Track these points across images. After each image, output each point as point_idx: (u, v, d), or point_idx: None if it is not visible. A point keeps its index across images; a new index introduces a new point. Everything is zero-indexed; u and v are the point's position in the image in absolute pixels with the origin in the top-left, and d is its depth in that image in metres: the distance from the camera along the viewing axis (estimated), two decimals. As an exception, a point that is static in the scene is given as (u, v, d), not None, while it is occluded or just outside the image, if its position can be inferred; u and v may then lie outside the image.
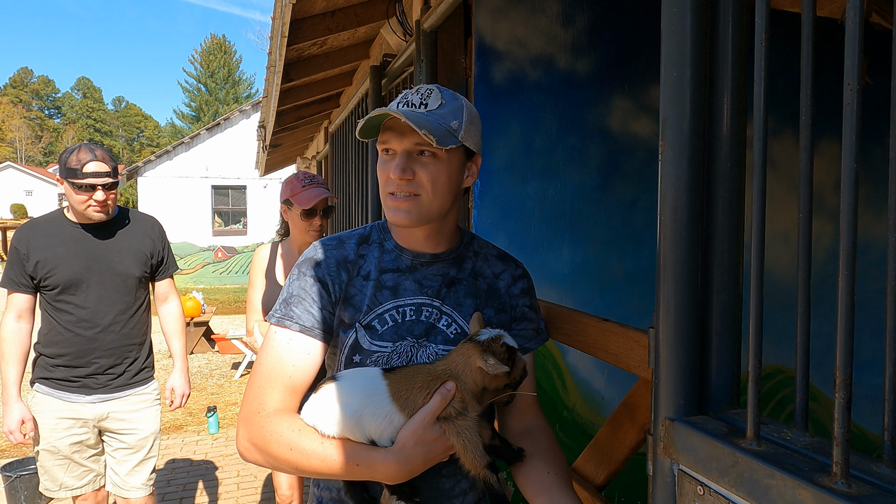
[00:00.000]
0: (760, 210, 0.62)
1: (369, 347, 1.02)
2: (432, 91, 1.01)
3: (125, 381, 2.27)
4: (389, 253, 1.07)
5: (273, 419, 0.95)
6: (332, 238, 1.09)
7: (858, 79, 0.52)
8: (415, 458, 0.91)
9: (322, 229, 2.33)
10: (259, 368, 1.00)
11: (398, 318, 1.04)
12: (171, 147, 16.38)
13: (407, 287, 1.05)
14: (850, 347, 0.53)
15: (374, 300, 1.03)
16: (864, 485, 0.53)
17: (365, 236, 1.09)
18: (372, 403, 0.92)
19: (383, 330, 1.02)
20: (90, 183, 2.10)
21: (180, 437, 4.81)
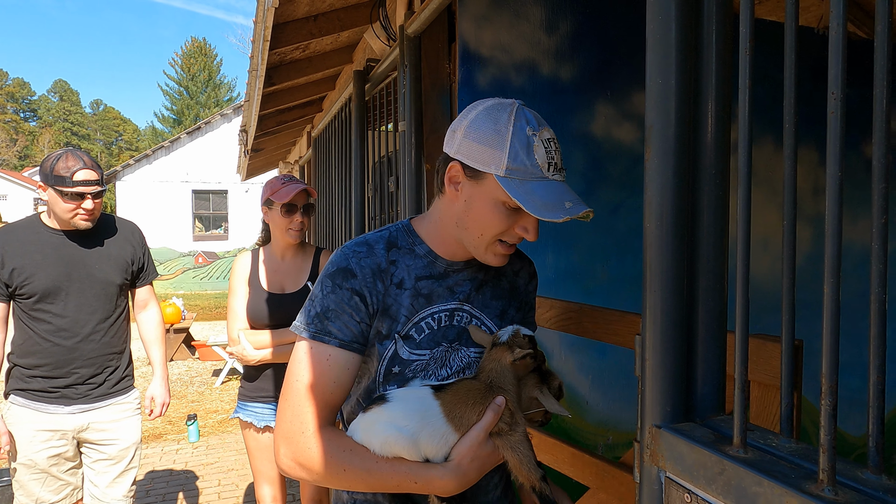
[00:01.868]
0: (745, 218, 0.63)
1: (408, 357, 1.02)
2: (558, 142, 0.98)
3: (105, 391, 2.23)
4: (422, 259, 1.05)
5: (321, 439, 0.94)
6: (360, 244, 1.03)
7: (843, 88, 0.53)
8: (471, 472, 0.95)
9: (303, 227, 2.31)
10: (296, 385, 0.97)
11: (434, 325, 1.04)
12: (151, 151, 16.18)
13: (440, 293, 1.05)
14: (836, 355, 0.54)
15: (412, 309, 1.02)
16: (850, 492, 0.53)
17: (392, 241, 1.05)
18: (428, 425, 0.94)
19: (420, 339, 1.03)
20: (80, 191, 2.05)
21: (160, 447, 4.73)
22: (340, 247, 1.05)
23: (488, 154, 0.93)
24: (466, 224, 1.00)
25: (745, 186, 0.62)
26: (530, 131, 0.93)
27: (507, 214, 0.96)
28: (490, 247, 0.99)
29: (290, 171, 6.90)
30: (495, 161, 0.93)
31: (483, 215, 0.97)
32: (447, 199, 1.03)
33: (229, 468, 4.27)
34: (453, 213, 1.01)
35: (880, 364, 0.53)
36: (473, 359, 1.09)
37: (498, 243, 1.00)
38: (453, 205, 1.01)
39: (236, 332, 2.28)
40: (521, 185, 0.92)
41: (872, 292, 0.52)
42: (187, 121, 35.43)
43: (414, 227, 1.08)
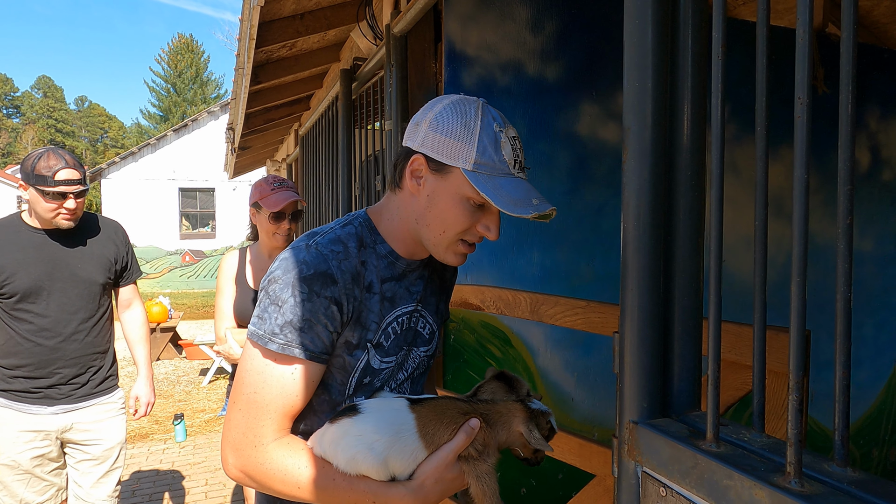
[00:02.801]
0: (718, 218, 0.64)
1: (379, 367, 0.98)
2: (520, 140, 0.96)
3: (89, 391, 2.21)
4: (384, 259, 0.99)
5: (274, 455, 0.89)
6: (334, 241, 0.93)
7: (809, 92, 0.54)
8: (432, 495, 0.90)
9: (291, 233, 2.31)
10: (253, 397, 0.89)
11: (398, 329, 1.01)
12: (137, 148, 16.02)
13: (401, 295, 1.01)
14: (804, 351, 0.55)
15: (380, 315, 0.97)
16: (816, 483, 0.55)
17: (359, 237, 0.97)
18: (399, 441, 0.89)
19: (388, 345, 0.99)
20: (61, 191, 2.04)
21: (146, 446, 4.70)
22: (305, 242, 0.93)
23: (455, 147, 0.90)
24: (428, 220, 0.95)
25: (718, 188, 0.64)
26: (497, 127, 0.91)
27: (472, 211, 0.92)
28: (451, 245, 0.95)
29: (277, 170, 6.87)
30: (463, 154, 0.89)
31: (446, 211, 0.93)
32: (406, 194, 0.97)
33: (216, 467, 4.25)
34: (413, 210, 0.96)
35: (845, 360, 0.55)
36: (422, 359, 1.08)
37: (459, 242, 0.95)
38: (413, 200, 0.96)
39: (223, 330, 2.28)
40: (489, 179, 0.89)
41: (838, 291, 0.54)
42: (174, 118, 35.09)
43: (373, 223, 1.01)
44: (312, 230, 0.99)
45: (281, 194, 2.25)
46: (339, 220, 1.02)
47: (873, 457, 2.92)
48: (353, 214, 1.02)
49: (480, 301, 1.79)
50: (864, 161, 2.79)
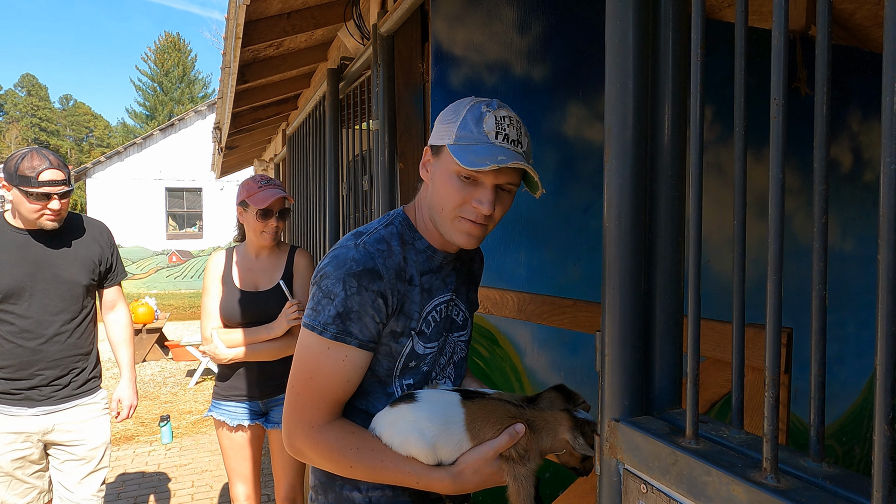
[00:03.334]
0: (697, 218, 0.65)
1: (423, 352, 1.08)
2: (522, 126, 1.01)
3: (70, 392, 2.19)
4: (422, 253, 1.08)
5: (329, 435, 0.99)
6: (379, 241, 1.03)
7: (785, 94, 0.55)
8: (469, 483, 0.99)
9: (278, 231, 2.31)
10: (310, 382, 1.00)
11: (437, 317, 1.10)
12: (123, 148, 15.86)
13: (438, 286, 1.10)
14: (779, 349, 0.56)
15: (421, 305, 1.06)
16: (791, 479, 0.55)
17: (400, 235, 1.06)
18: (447, 431, 0.98)
19: (430, 332, 1.08)
20: (46, 192, 2.02)
21: (131, 448, 4.66)
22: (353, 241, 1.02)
23: (444, 129, 1.00)
24: (433, 203, 1.03)
25: (697, 189, 0.64)
26: (485, 108, 0.98)
27: (462, 186, 0.98)
28: (453, 222, 1.01)
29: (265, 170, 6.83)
30: (448, 133, 0.99)
31: (441, 188, 1.01)
32: (423, 186, 1.08)
33: (203, 469, 4.22)
34: (428, 198, 1.05)
35: (821, 358, 0.55)
36: (459, 344, 1.17)
37: (460, 219, 1.01)
38: (426, 190, 1.06)
39: (209, 330, 2.27)
40: (465, 148, 0.96)
41: (814, 289, 0.55)
42: (160, 117, 34.77)
43: (411, 221, 1.10)
44: (357, 230, 1.07)
45: (268, 191, 2.24)
46: (381, 219, 1.11)
47: (855, 454, 2.96)
48: (392, 214, 1.11)
49: (467, 301, 1.79)
50: (847, 162, 2.83)
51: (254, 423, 2.34)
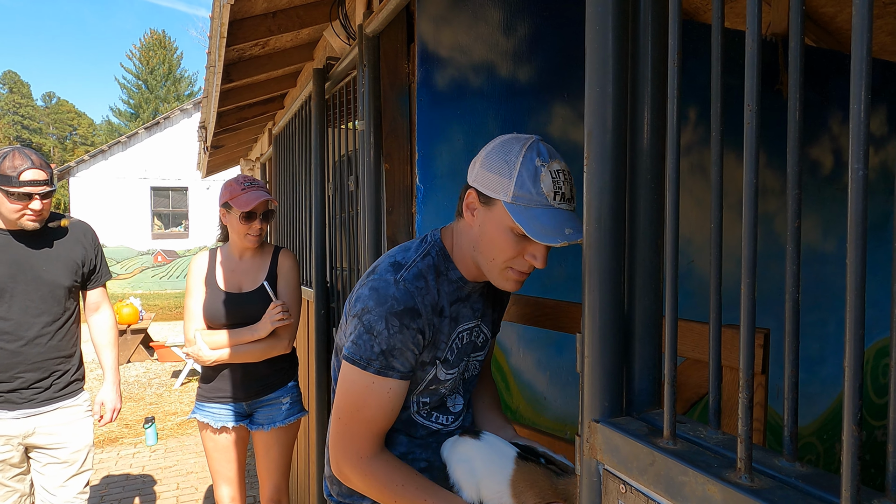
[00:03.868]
0: (674, 220, 0.66)
1: (444, 378, 1.13)
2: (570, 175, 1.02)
3: (52, 395, 2.16)
4: (453, 283, 1.11)
5: (376, 467, 1.05)
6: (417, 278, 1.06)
7: (758, 100, 0.56)
8: None
9: (262, 233, 2.29)
10: (357, 415, 1.04)
11: (460, 344, 1.13)
12: (107, 146, 15.69)
13: (465, 314, 1.14)
14: (752, 350, 0.57)
15: (448, 335, 1.10)
16: (765, 478, 0.56)
17: (436, 267, 1.09)
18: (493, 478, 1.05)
19: (453, 359, 1.13)
20: (27, 192, 1.99)
21: (115, 450, 4.62)
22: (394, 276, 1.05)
23: (498, 182, 1.00)
24: (481, 248, 1.06)
25: (674, 192, 0.65)
26: (539, 162, 0.99)
27: (516, 241, 1.01)
28: (502, 272, 1.05)
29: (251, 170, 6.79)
30: (503, 188, 0.99)
31: (494, 240, 1.03)
32: (465, 223, 1.09)
33: (188, 471, 4.19)
34: (470, 238, 1.08)
35: (794, 359, 0.56)
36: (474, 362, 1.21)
37: (510, 269, 1.04)
38: (470, 230, 1.08)
39: (192, 332, 2.25)
40: (525, 210, 0.97)
41: (787, 292, 0.56)
42: (145, 115, 34.42)
43: (446, 250, 1.12)
44: (395, 259, 1.10)
45: (252, 194, 2.23)
46: (419, 246, 1.12)
47: (836, 451, 3.01)
48: (429, 241, 1.13)
49: (453, 301, 1.79)
50: (828, 163, 2.87)
51: (238, 425, 2.33)
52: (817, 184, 2.85)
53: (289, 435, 2.37)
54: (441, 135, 1.98)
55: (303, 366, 3.17)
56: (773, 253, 2.74)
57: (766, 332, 0.97)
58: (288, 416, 2.33)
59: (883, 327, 3.03)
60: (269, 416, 2.29)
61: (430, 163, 1.97)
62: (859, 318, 0.46)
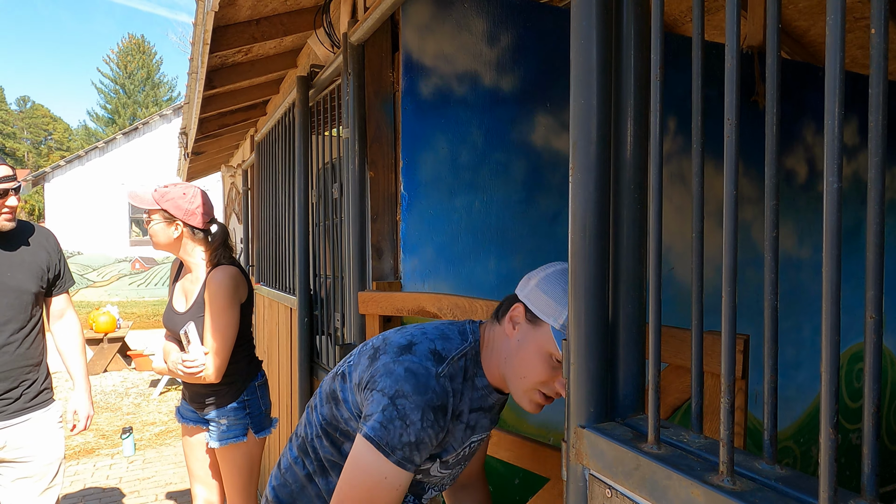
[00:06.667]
0: (657, 230, 0.67)
1: (436, 475, 1.11)
2: None
3: (22, 406, 2.10)
4: (479, 391, 1.08)
5: None
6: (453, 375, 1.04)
7: (738, 114, 0.58)
8: None
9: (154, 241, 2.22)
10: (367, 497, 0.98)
11: (467, 452, 1.12)
12: (84, 152, 15.45)
13: (482, 424, 1.12)
14: (733, 356, 0.59)
15: (460, 441, 1.09)
16: (747, 481, 0.58)
17: (465, 370, 1.07)
18: None
19: (452, 462, 1.11)
20: (4, 188, 1.98)
21: (91, 462, 4.52)
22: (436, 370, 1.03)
23: (551, 307, 1.00)
24: (513, 363, 1.04)
25: (657, 202, 0.67)
26: None
27: (552, 367, 1.01)
28: (528, 392, 1.03)
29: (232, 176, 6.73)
30: (555, 314, 1.00)
31: (530, 359, 1.02)
32: (502, 332, 1.07)
33: (167, 482, 4.12)
34: (505, 348, 1.06)
35: (773, 364, 0.58)
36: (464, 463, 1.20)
37: (536, 392, 1.03)
38: (506, 341, 1.06)
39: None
40: None
41: (766, 299, 0.58)
42: (122, 120, 33.97)
43: (479, 354, 1.09)
44: (435, 348, 1.05)
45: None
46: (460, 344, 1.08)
47: (812, 454, 3.07)
48: (469, 340, 1.09)
49: (437, 309, 1.80)
50: (802, 173, 2.94)
51: (196, 426, 2.30)
52: (792, 192, 2.92)
53: (232, 456, 2.23)
54: (425, 143, 1.99)
55: (285, 375, 3.14)
56: (751, 259, 2.80)
57: (745, 338, 0.99)
58: (222, 438, 2.20)
59: (857, 332, 3.11)
60: (213, 433, 2.24)
61: (415, 170, 1.98)
62: (835, 326, 0.48)
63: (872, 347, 0.48)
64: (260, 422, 2.28)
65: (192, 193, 2.20)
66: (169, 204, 2.16)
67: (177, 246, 2.21)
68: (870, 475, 0.48)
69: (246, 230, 5.19)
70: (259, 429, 2.26)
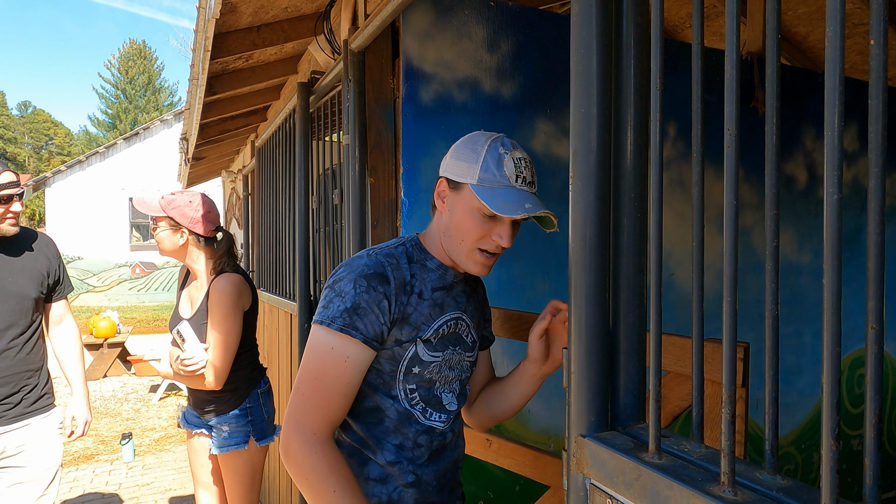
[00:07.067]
0: (658, 239, 0.67)
1: (427, 359, 1.14)
2: (532, 164, 1.13)
3: (22, 411, 2.11)
4: (434, 272, 1.16)
5: (326, 457, 1.03)
6: (388, 256, 1.12)
7: (737, 124, 0.58)
8: None
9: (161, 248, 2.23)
10: (315, 383, 1.05)
11: (445, 330, 1.17)
12: (85, 157, 15.46)
13: (449, 303, 1.18)
14: (734, 366, 0.59)
15: (430, 318, 1.13)
16: (748, 491, 0.58)
17: (410, 256, 1.16)
18: None
19: (436, 342, 1.15)
20: (8, 194, 1.99)
21: (91, 468, 4.51)
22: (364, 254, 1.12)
23: (465, 168, 1.09)
24: (451, 232, 1.12)
25: (657, 210, 0.67)
26: (502, 150, 1.09)
27: (483, 221, 1.08)
28: (470, 254, 1.11)
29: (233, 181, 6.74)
30: (470, 172, 1.08)
31: (462, 222, 1.10)
32: (437, 213, 1.17)
33: (167, 488, 4.11)
34: (442, 225, 1.15)
35: (774, 374, 0.58)
36: (467, 363, 1.25)
37: (477, 251, 1.11)
38: (441, 217, 1.15)
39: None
40: (490, 190, 1.06)
41: (766, 309, 0.58)
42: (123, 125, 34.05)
43: (422, 243, 1.19)
44: (370, 247, 1.16)
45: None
46: (393, 240, 1.20)
47: (814, 461, 3.06)
48: (404, 237, 1.21)
49: (438, 315, 1.80)
50: (802, 178, 2.94)
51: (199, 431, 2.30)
52: (792, 198, 2.92)
53: (234, 463, 2.22)
54: (426, 149, 1.99)
55: (285, 381, 3.14)
56: (751, 265, 2.80)
57: (745, 346, 0.99)
58: (224, 445, 2.20)
59: (858, 338, 3.10)
60: (215, 440, 2.24)
61: (415, 177, 1.98)
62: (836, 337, 0.48)
63: (874, 357, 0.48)
64: (262, 429, 2.27)
65: (197, 202, 2.21)
66: (175, 212, 2.17)
67: (182, 253, 2.22)
68: (871, 486, 0.48)
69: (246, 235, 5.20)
70: (261, 436, 2.26)
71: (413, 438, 1.15)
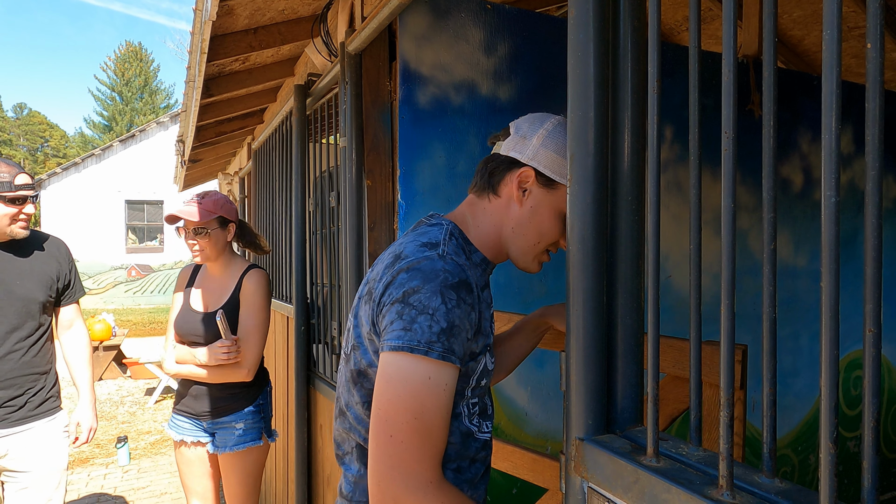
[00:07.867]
0: (655, 243, 0.67)
1: (491, 367, 1.01)
2: None
3: (26, 414, 2.10)
4: (478, 267, 1.01)
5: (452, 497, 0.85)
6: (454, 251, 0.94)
7: (735, 127, 0.58)
8: None
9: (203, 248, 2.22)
10: (417, 425, 0.83)
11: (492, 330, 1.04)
12: (80, 159, 15.43)
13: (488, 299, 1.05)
14: (732, 369, 0.59)
15: (490, 321, 1.01)
16: (746, 495, 0.58)
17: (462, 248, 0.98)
18: None
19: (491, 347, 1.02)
20: (23, 195, 2.00)
21: (86, 471, 4.48)
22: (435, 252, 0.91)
23: (566, 167, 0.95)
24: (525, 230, 1.00)
25: (655, 213, 0.67)
26: None
27: (563, 226, 1.00)
28: (539, 255, 1.03)
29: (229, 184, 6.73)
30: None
31: (545, 223, 0.99)
32: (503, 202, 1.01)
33: (162, 492, 4.09)
34: (510, 218, 1.00)
35: (772, 377, 0.58)
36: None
37: (545, 253, 1.04)
38: (511, 209, 1.00)
39: (168, 343, 2.27)
40: None
41: (764, 312, 0.58)
42: (119, 127, 33.99)
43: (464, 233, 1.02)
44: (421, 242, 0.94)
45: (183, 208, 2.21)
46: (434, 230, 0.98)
47: (811, 462, 3.06)
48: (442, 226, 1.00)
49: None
50: (798, 181, 2.95)
51: (197, 441, 2.28)
52: (788, 201, 2.93)
53: (244, 462, 2.24)
54: (423, 152, 1.99)
55: (281, 384, 3.13)
56: (747, 268, 2.80)
57: (743, 349, 0.99)
58: (239, 442, 2.22)
59: (854, 339, 3.11)
60: (224, 440, 2.23)
61: (412, 179, 1.98)
62: (834, 340, 0.48)
63: (871, 360, 0.48)
64: (269, 426, 2.34)
65: (225, 196, 2.28)
66: (224, 210, 2.22)
67: (225, 249, 2.27)
68: (870, 490, 0.48)
69: (243, 238, 5.17)
70: (269, 434, 2.33)
71: (471, 457, 0.99)
